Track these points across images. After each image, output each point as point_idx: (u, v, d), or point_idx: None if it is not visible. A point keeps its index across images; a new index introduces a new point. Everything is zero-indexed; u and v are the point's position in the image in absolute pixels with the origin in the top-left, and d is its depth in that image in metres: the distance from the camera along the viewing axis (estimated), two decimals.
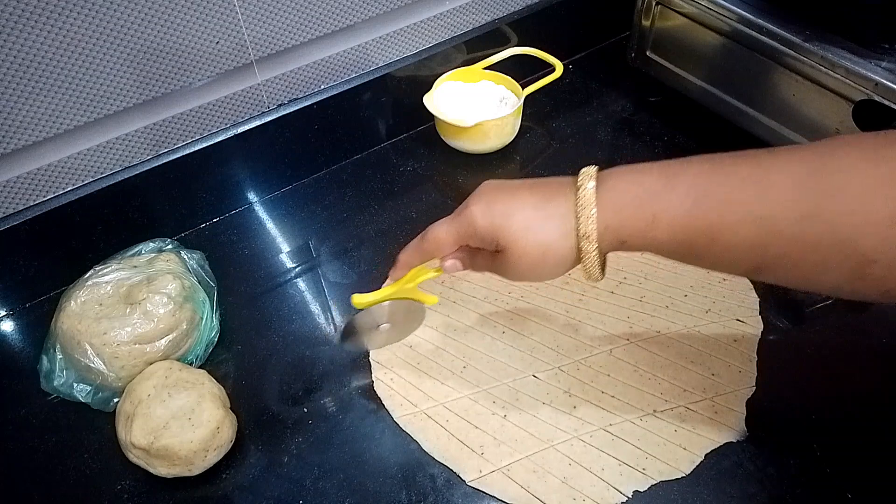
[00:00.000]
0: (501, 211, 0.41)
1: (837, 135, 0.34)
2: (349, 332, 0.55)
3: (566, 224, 0.39)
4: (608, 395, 0.51)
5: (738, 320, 0.55)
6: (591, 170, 0.40)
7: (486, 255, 0.44)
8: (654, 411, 0.50)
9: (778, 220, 0.34)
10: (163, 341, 0.51)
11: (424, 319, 0.56)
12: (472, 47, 0.75)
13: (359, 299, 0.50)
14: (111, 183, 0.59)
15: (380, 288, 0.51)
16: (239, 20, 0.58)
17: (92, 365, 0.50)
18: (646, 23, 0.73)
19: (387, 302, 0.51)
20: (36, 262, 0.59)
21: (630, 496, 0.45)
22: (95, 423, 0.51)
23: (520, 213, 0.41)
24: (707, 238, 0.36)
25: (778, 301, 0.56)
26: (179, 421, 0.46)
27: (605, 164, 0.41)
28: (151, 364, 0.51)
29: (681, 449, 0.47)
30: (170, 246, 0.60)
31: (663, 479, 0.46)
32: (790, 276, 0.36)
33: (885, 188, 0.32)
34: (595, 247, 0.39)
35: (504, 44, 0.77)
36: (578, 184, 0.39)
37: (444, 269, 0.47)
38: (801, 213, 0.33)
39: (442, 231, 0.45)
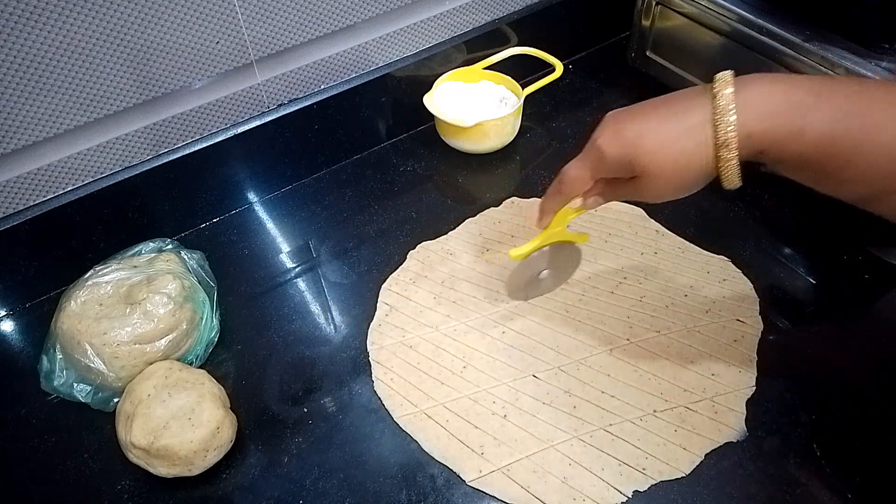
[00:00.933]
0: (630, 137, 0.41)
1: None
2: (513, 288, 0.56)
3: (702, 134, 0.38)
4: (608, 395, 0.51)
5: (738, 320, 0.55)
6: (726, 75, 0.39)
7: (624, 182, 0.44)
8: (654, 411, 0.50)
9: None
10: (163, 341, 0.51)
11: (581, 258, 0.57)
12: (472, 47, 0.75)
13: (515, 252, 0.51)
14: (111, 183, 0.59)
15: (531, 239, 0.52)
16: (239, 20, 0.58)
17: (92, 365, 0.50)
18: (646, 23, 0.73)
19: (544, 249, 0.52)
20: (36, 262, 0.59)
21: (630, 496, 0.45)
22: (95, 423, 0.51)
23: (650, 134, 0.40)
24: (843, 160, 0.36)
25: (778, 301, 0.56)
26: (179, 421, 0.46)
27: None
28: (151, 364, 0.51)
29: (681, 449, 0.47)
30: (170, 246, 0.60)
31: (663, 479, 0.46)
32: None
33: None
34: (735, 155, 0.38)
35: (504, 44, 0.77)
36: (715, 90, 0.38)
37: (585, 206, 0.48)
38: None
39: (575, 170, 0.45)
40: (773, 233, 0.62)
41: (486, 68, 0.74)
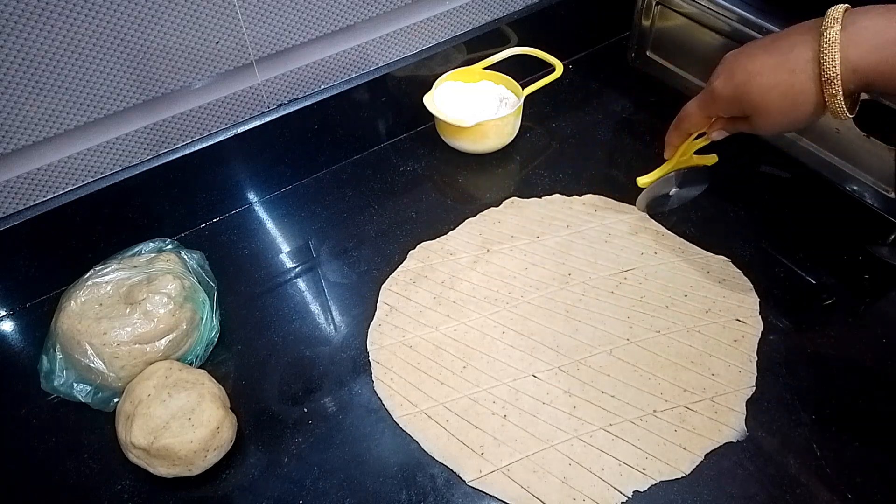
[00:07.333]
0: (742, 79, 0.44)
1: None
2: (642, 202, 0.61)
3: (808, 71, 0.40)
4: (608, 395, 0.51)
5: (738, 320, 0.55)
6: (837, 11, 0.40)
7: (741, 119, 0.47)
8: (654, 411, 0.50)
9: None
10: (163, 341, 0.51)
11: (708, 181, 0.62)
12: (472, 47, 0.75)
13: (643, 179, 0.56)
14: (111, 183, 0.59)
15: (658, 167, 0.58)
16: (239, 20, 0.58)
17: (92, 365, 0.50)
18: (646, 23, 0.73)
19: (671, 174, 0.58)
20: (36, 262, 0.59)
21: (630, 496, 0.45)
22: (95, 423, 0.51)
23: (759, 75, 0.43)
24: None
25: (778, 301, 0.56)
26: (179, 421, 0.46)
27: (605, 163, 0.41)
28: (151, 364, 0.51)
29: (681, 449, 0.47)
30: (170, 246, 0.60)
31: (663, 479, 0.46)
32: None
33: None
34: (839, 91, 0.40)
35: (504, 44, 0.77)
36: (823, 27, 0.40)
37: (710, 138, 0.53)
38: None
39: (692, 109, 0.50)
40: (773, 233, 0.62)
41: (486, 68, 0.74)
